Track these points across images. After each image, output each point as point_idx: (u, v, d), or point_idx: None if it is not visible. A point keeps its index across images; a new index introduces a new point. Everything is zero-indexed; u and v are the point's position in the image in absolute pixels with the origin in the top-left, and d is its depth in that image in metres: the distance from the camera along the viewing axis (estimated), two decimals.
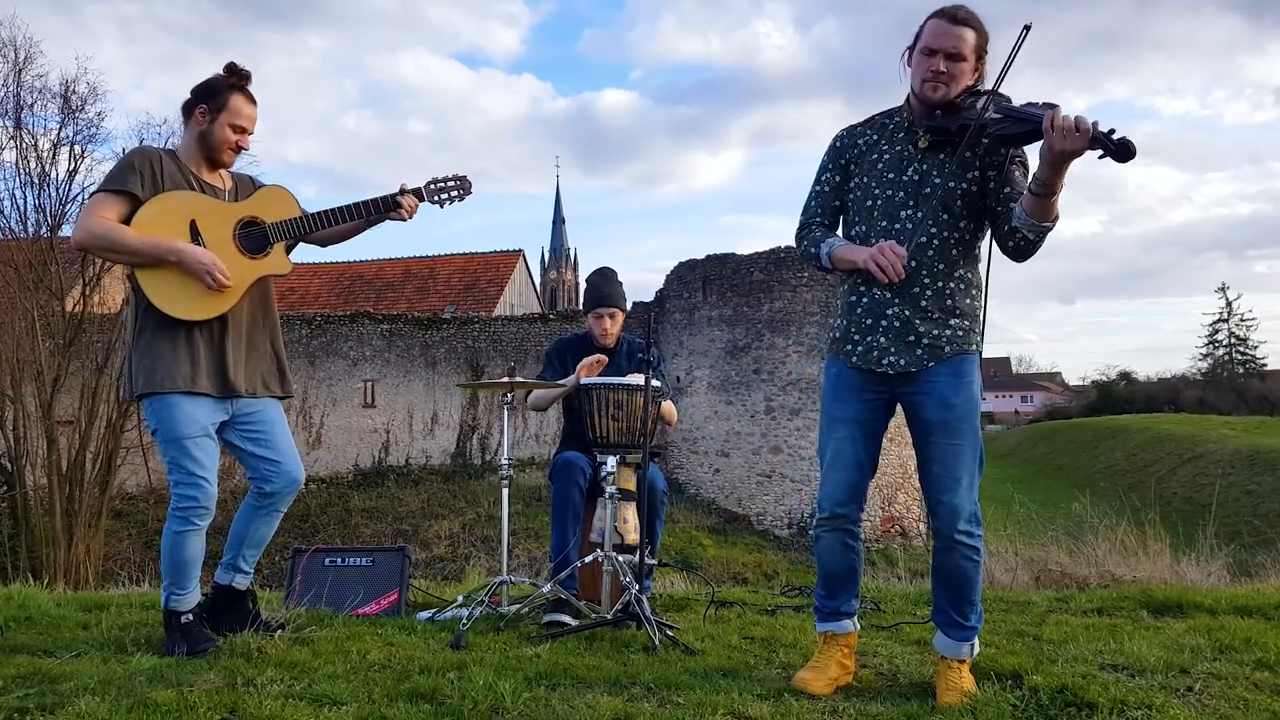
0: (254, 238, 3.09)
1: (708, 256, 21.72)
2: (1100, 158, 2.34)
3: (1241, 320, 57.21)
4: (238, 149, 3.11)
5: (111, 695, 2.42)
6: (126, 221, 2.93)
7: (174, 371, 2.95)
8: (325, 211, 3.19)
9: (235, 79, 3.10)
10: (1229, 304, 57.58)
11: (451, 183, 3.33)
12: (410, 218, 3.26)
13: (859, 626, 2.86)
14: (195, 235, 3.00)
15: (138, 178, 2.95)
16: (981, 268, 2.73)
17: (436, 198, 3.31)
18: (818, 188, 2.85)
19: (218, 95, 3.06)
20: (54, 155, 19.54)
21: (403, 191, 3.24)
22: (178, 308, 2.96)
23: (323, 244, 3.37)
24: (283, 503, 3.23)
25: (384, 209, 3.23)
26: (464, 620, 3.34)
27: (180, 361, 2.96)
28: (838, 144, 2.82)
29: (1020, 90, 2.57)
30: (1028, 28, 2.44)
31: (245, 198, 3.17)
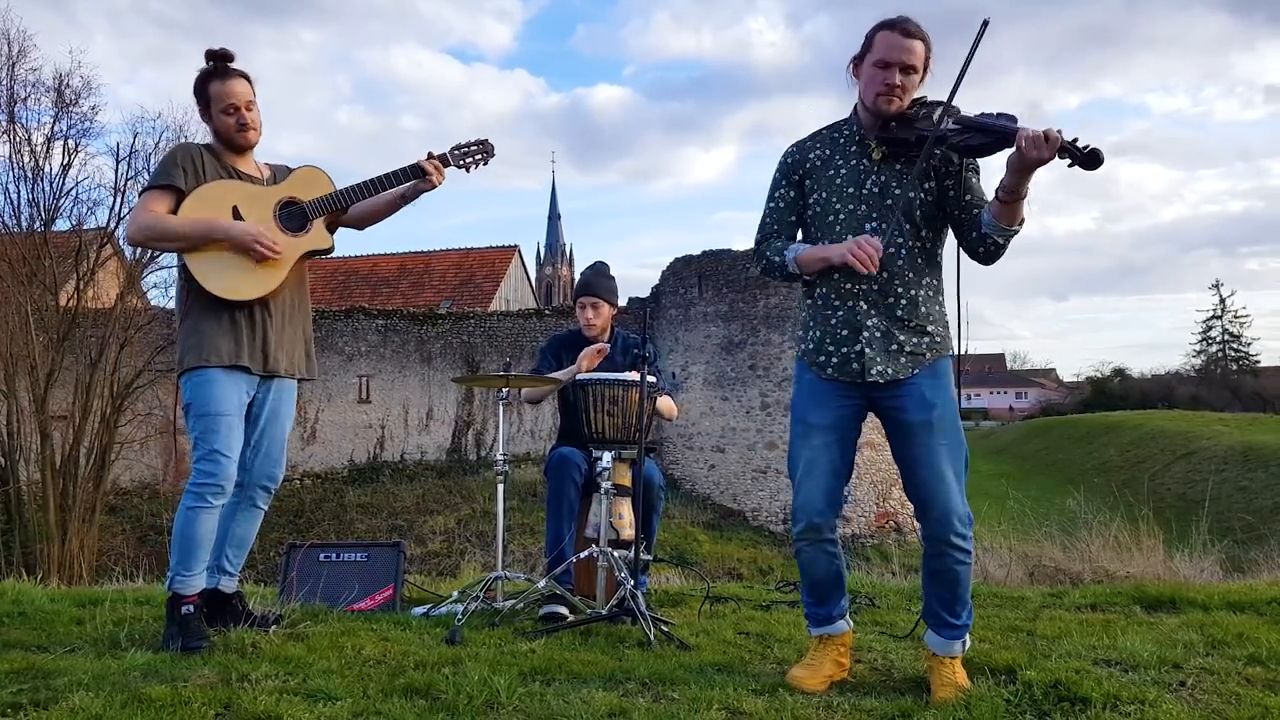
0: (293, 216, 3.21)
1: (703, 253, 21.74)
2: (1069, 166, 2.39)
3: (1235, 317, 57.42)
4: (242, 127, 3.17)
5: (105, 691, 2.42)
6: (174, 214, 3.06)
7: (219, 347, 3.06)
8: (358, 184, 3.28)
9: (208, 67, 3.18)
10: (1223, 301, 57.81)
11: (474, 147, 3.40)
12: (440, 184, 3.32)
13: (852, 624, 2.87)
14: (238, 219, 3.12)
15: (180, 172, 3.09)
16: (946, 273, 2.76)
17: (462, 162, 3.38)
18: (772, 204, 2.82)
19: (202, 92, 3.18)
20: (47, 149, 19.52)
21: (429, 158, 3.30)
22: (228, 288, 3.07)
23: (360, 225, 3.45)
24: (260, 498, 3.26)
25: (413, 176, 3.29)
26: (459, 616, 3.33)
27: (224, 338, 3.07)
28: (788, 160, 2.81)
29: (1012, 89, 2.59)
30: (986, 22, 2.46)
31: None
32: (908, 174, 2.64)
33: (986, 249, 2.62)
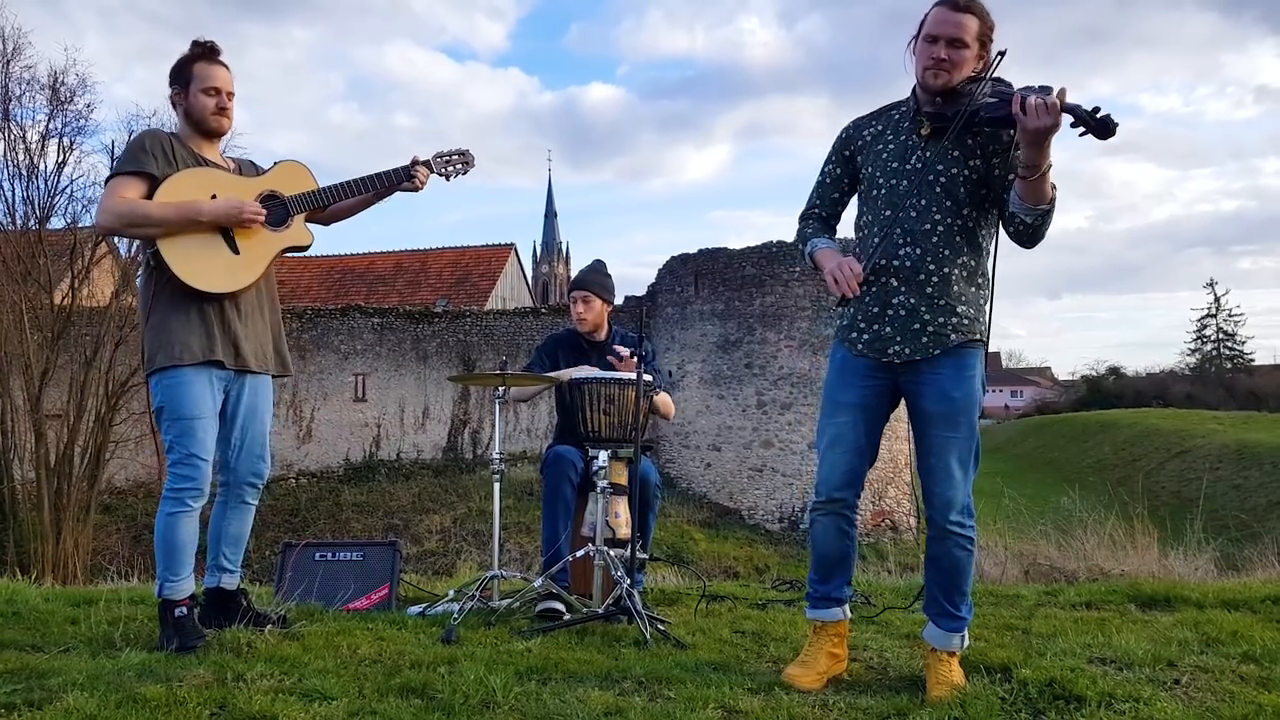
0: (274, 210, 3.15)
1: (700, 251, 21.73)
2: (1081, 135, 2.34)
3: (1230, 316, 57.52)
4: (220, 111, 3.13)
5: (100, 690, 2.41)
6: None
7: (189, 344, 2.98)
8: (342, 183, 3.25)
9: (197, 50, 3.14)
10: (1217, 300, 57.86)
11: (455, 156, 3.44)
12: (423, 188, 3.35)
13: (850, 615, 2.87)
14: None
15: (150, 157, 2.99)
16: (985, 257, 2.71)
17: (443, 170, 3.41)
18: (820, 179, 2.89)
19: (183, 70, 3.12)
20: (42, 147, 19.46)
21: (415, 163, 3.32)
22: (204, 280, 3.00)
23: (328, 221, 3.40)
24: (249, 495, 3.23)
25: (398, 180, 3.30)
26: (455, 615, 3.33)
27: (194, 334, 2.99)
28: (844, 135, 2.85)
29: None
30: (1001, 54, 2.49)
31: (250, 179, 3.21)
32: (951, 150, 2.61)
33: (1017, 230, 2.59)
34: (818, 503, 2.75)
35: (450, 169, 3.41)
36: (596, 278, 4.19)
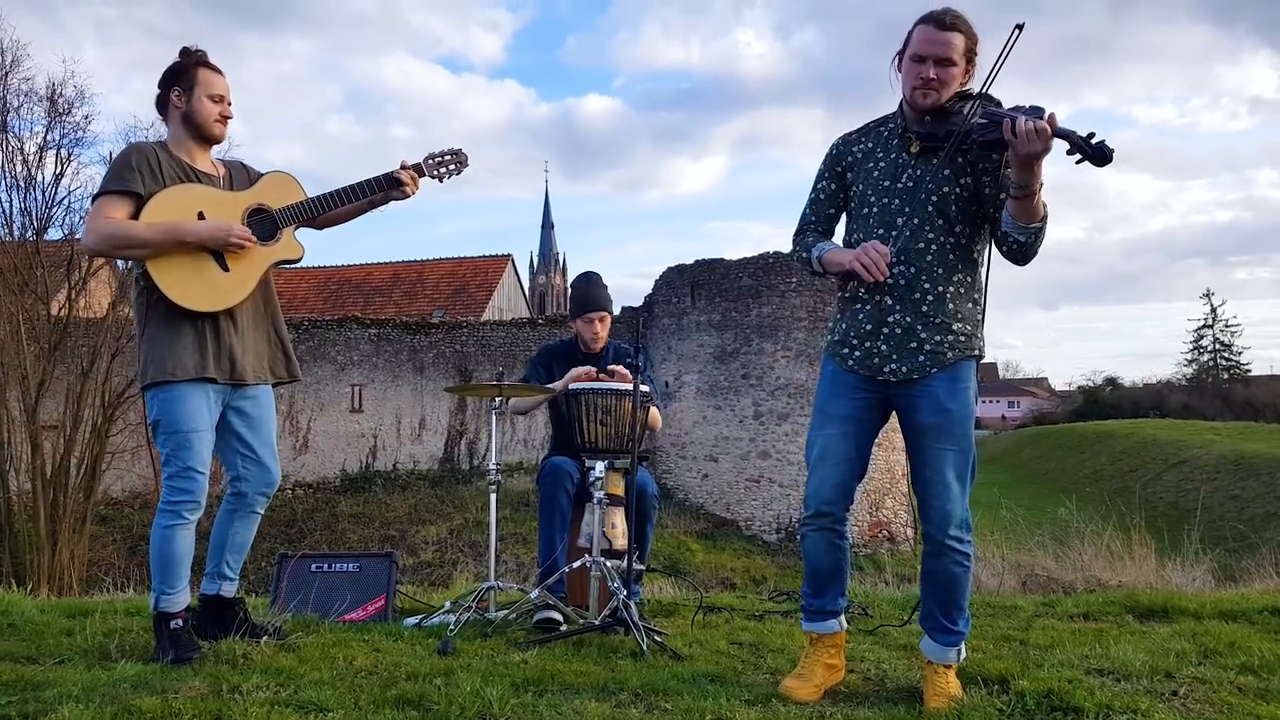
0: (263, 225, 3.11)
1: (696, 262, 21.74)
2: (1078, 162, 2.36)
3: (1226, 326, 57.58)
4: (224, 119, 3.12)
5: (95, 702, 2.40)
6: (134, 220, 2.94)
7: (183, 360, 2.96)
8: (330, 193, 3.21)
9: (197, 55, 3.11)
10: (1214, 310, 57.92)
11: (448, 156, 3.36)
12: (414, 194, 3.28)
13: (846, 626, 2.87)
14: None
15: (137, 175, 2.95)
16: (981, 272, 2.74)
17: (435, 172, 3.34)
18: (813, 195, 2.89)
19: (185, 73, 3.07)
20: (40, 158, 19.47)
21: (403, 168, 3.26)
22: (194, 299, 2.98)
23: (319, 227, 3.35)
24: (259, 504, 3.22)
25: (387, 186, 3.25)
26: (451, 626, 3.32)
27: (188, 350, 2.97)
28: (833, 151, 2.85)
29: (1000, 96, 2.57)
30: (1020, 27, 2.42)
31: (240, 184, 3.18)
32: (941, 169, 2.63)
33: (1010, 249, 2.61)
34: (808, 516, 2.73)
35: (443, 170, 3.34)
36: (603, 292, 4.15)
